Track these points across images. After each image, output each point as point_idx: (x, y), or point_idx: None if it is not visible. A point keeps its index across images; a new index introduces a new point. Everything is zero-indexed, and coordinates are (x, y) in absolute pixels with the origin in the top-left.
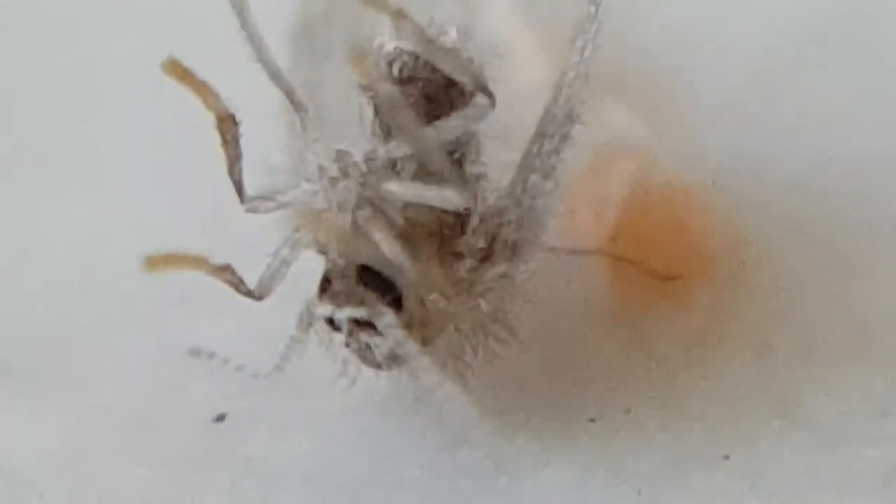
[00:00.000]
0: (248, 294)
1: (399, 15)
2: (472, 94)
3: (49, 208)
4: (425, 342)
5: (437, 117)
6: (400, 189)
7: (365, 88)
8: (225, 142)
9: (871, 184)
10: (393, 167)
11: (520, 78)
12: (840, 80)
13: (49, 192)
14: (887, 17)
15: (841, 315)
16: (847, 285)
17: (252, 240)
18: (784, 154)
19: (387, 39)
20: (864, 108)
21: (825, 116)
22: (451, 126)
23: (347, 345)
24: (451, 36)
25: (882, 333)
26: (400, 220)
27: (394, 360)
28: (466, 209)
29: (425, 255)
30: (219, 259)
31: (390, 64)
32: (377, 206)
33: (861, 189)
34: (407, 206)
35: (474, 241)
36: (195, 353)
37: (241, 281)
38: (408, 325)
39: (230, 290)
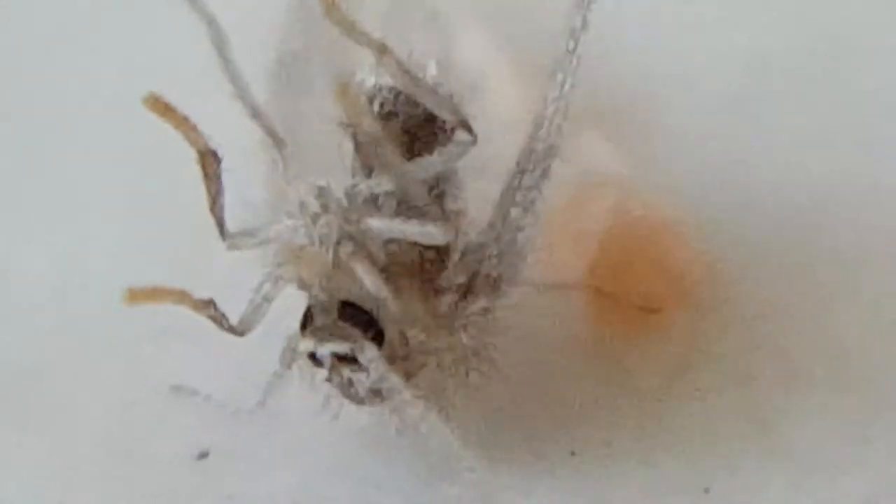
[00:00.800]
0: (231, 330)
1: (382, 49)
2: (452, 130)
3: (28, 241)
4: (407, 377)
5: (418, 152)
6: (381, 224)
7: (346, 125)
8: (206, 177)
9: (849, 213)
10: (374, 203)
11: (499, 112)
12: (819, 111)
13: (28, 225)
14: (864, 44)
15: (821, 343)
16: (826, 314)
17: (234, 276)
18: (761, 185)
19: (367, 75)
20: (842, 137)
21: (803, 147)
22: (432, 162)
23: (330, 380)
24: (431, 71)
25: (861, 361)
26: (381, 256)
27: (376, 394)
28: (447, 244)
29: (407, 290)
30: (201, 295)
31: (371, 100)
32: (359, 241)
33: (838, 219)
34: (388, 241)
35: (455, 276)
36: (177, 389)
37: (224, 316)
38: (390, 360)
39: (212, 326)
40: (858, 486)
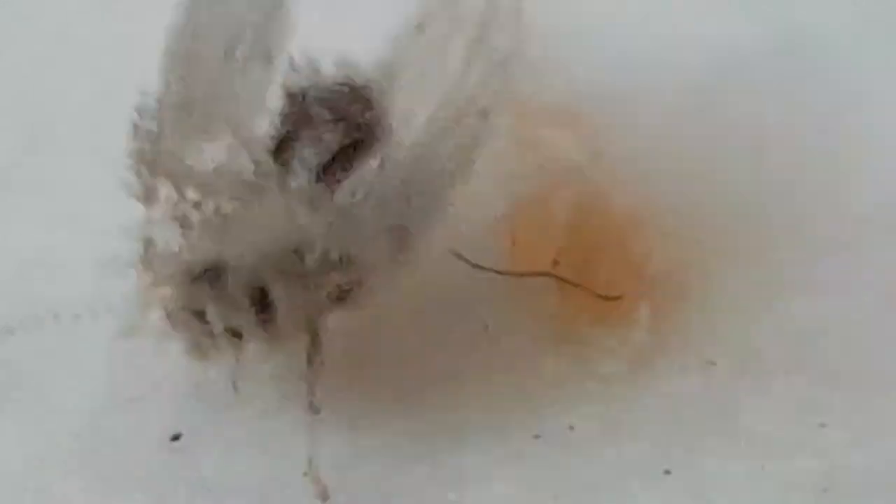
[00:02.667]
0: None
1: None
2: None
3: (12, 221)
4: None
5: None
6: None
7: None
8: None
9: (810, 204)
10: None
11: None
12: (779, 107)
13: (18, 204)
14: (829, 41)
15: (778, 332)
16: (784, 302)
17: None
18: (723, 176)
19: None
20: (806, 129)
21: (766, 138)
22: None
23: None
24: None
25: (818, 348)
26: None
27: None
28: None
29: None
30: None
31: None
32: None
33: (800, 209)
34: None
35: None
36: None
37: None
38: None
39: None
40: (815, 468)
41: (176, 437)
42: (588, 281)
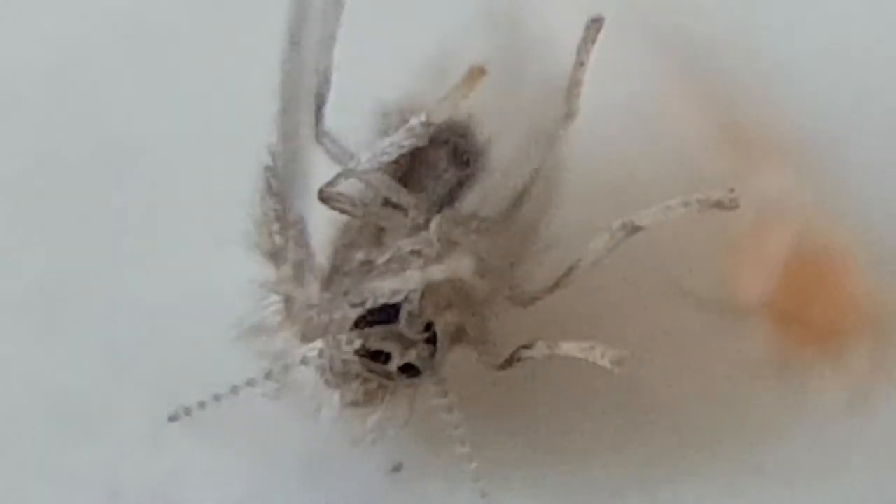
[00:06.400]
0: None
1: None
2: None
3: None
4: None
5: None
6: None
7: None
8: None
9: None
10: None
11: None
12: None
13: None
14: None
15: None
16: None
17: None
18: None
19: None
20: None
21: None
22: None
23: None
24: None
25: None
26: None
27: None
28: None
29: None
30: None
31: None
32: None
33: None
34: None
35: None
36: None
37: None
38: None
39: None
40: None
41: (397, 468)
42: (806, 317)
